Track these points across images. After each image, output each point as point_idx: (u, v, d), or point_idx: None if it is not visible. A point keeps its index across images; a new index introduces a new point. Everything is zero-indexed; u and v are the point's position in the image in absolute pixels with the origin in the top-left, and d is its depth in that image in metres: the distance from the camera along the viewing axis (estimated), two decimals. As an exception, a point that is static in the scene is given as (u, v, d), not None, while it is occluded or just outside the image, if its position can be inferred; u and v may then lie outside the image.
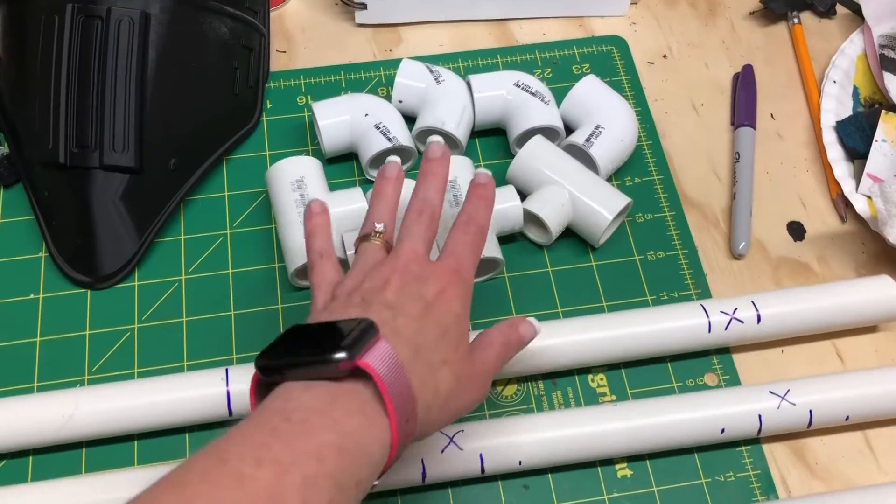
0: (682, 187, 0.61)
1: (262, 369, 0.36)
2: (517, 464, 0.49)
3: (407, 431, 0.35)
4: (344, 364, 0.34)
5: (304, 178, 0.55)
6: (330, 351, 0.34)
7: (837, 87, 0.64)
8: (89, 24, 0.53)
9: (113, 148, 0.53)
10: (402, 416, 0.35)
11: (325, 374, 0.35)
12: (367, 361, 0.34)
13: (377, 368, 0.34)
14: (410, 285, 0.40)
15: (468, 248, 0.43)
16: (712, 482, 0.50)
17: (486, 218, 0.45)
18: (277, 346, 0.37)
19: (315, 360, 0.35)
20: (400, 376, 0.35)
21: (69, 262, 0.55)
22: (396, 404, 0.34)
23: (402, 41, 0.68)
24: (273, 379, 0.36)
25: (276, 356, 0.36)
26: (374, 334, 0.36)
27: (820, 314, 0.53)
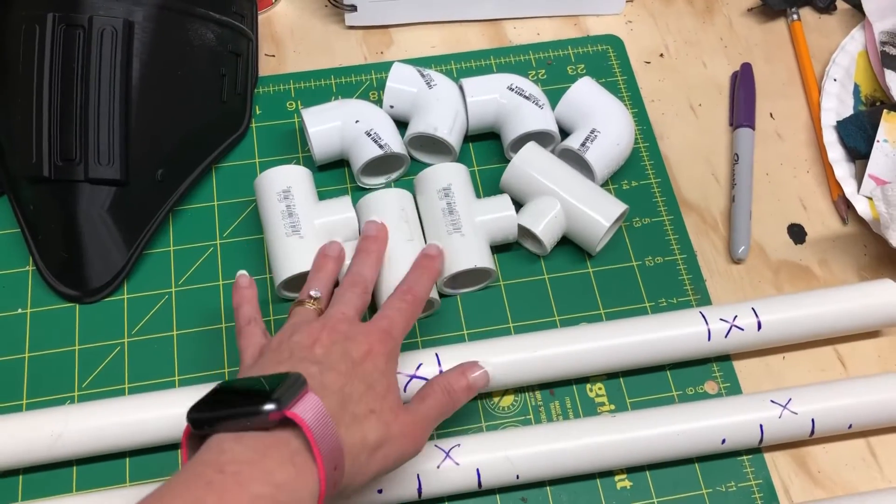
0: (680, 190, 0.60)
1: (193, 422, 0.37)
2: (515, 478, 0.48)
3: (335, 480, 0.37)
4: (274, 415, 0.35)
5: (291, 188, 0.54)
6: (260, 402, 0.35)
7: (838, 86, 0.63)
8: (71, 33, 0.52)
9: (98, 161, 0.52)
10: (329, 465, 0.36)
11: (255, 425, 0.36)
12: (296, 412, 0.36)
13: (306, 419, 0.36)
14: (338, 344, 0.42)
15: (401, 315, 0.46)
16: (713, 492, 0.50)
17: (426, 289, 0.48)
18: (208, 400, 0.37)
19: (246, 412, 0.36)
20: (327, 426, 0.36)
21: (57, 276, 0.54)
22: (324, 454, 0.36)
23: (394, 43, 0.66)
24: (204, 432, 0.37)
25: (208, 409, 0.37)
26: (303, 386, 0.37)
27: (821, 320, 0.52)
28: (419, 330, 0.54)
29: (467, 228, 0.53)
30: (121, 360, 0.53)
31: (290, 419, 0.36)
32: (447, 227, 0.53)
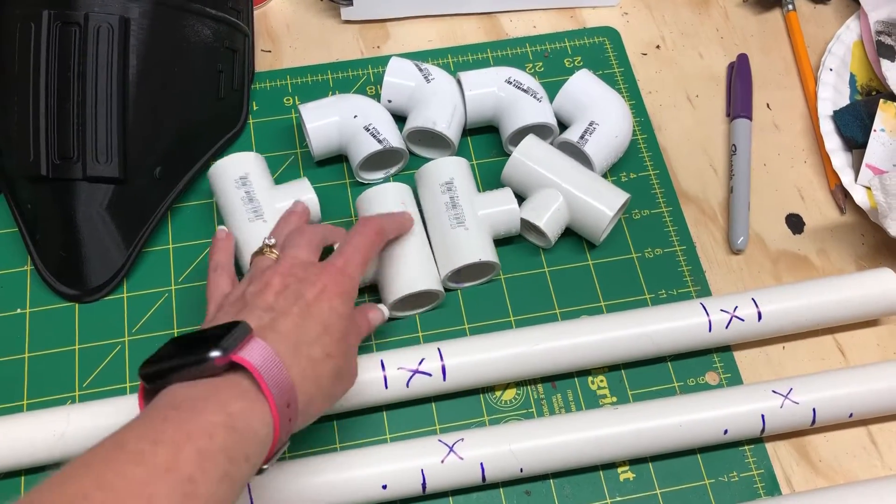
0: (678, 182, 0.60)
1: (145, 377, 0.38)
2: (518, 471, 0.48)
3: (288, 416, 0.38)
4: (219, 360, 0.36)
5: (248, 174, 0.54)
6: (206, 350, 0.37)
7: (834, 76, 0.63)
8: (67, 31, 0.51)
9: (96, 158, 0.52)
10: (280, 400, 0.37)
11: (204, 373, 0.37)
12: (242, 355, 0.37)
13: (250, 359, 0.37)
14: (291, 287, 0.42)
15: (358, 252, 0.46)
16: (716, 483, 0.50)
17: (388, 225, 0.49)
18: (158, 355, 0.38)
19: (193, 360, 0.37)
20: (275, 366, 0.37)
21: (55, 276, 0.54)
22: (274, 391, 0.37)
23: (390, 37, 0.66)
24: (157, 385, 0.37)
25: (158, 363, 0.38)
26: (248, 332, 0.38)
27: (821, 309, 0.52)
28: (420, 324, 0.54)
29: (471, 222, 0.53)
30: (121, 359, 0.53)
31: (238, 364, 0.37)
32: (450, 221, 0.53)
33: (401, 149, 0.57)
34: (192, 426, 0.34)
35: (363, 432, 0.51)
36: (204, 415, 0.35)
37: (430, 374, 0.50)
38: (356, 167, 0.57)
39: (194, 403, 0.35)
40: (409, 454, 0.47)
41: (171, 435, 0.33)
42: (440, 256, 0.53)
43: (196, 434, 0.34)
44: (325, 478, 0.46)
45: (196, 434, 0.34)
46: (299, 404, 0.39)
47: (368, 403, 0.50)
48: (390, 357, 0.50)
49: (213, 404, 0.35)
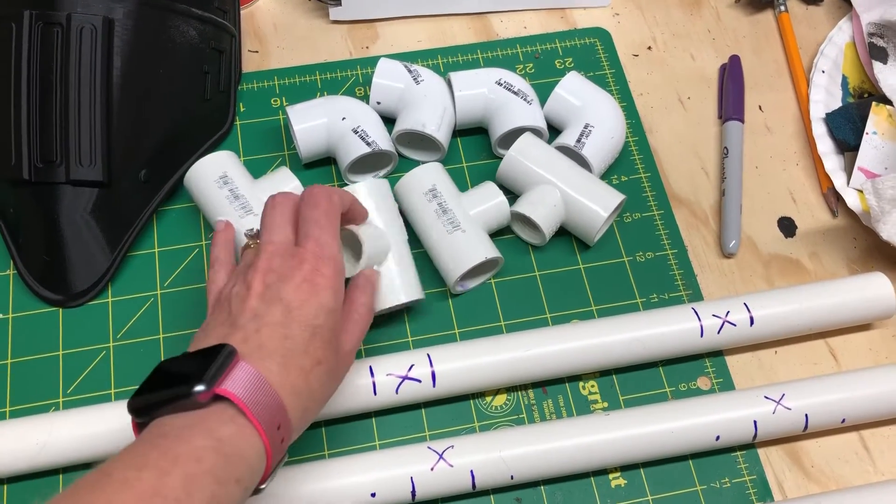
0: (669, 185, 0.60)
1: (134, 412, 0.37)
2: (509, 478, 0.47)
3: (280, 437, 0.38)
4: (203, 395, 0.36)
5: (227, 172, 0.53)
6: (190, 384, 0.36)
7: (826, 77, 0.62)
8: (48, 31, 0.50)
9: (80, 162, 0.51)
10: (269, 425, 0.37)
11: (190, 405, 0.36)
12: (225, 388, 0.36)
13: (235, 391, 0.36)
14: (273, 287, 0.41)
15: (318, 224, 0.43)
16: (707, 489, 0.50)
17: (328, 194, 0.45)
18: (148, 385, 0.38)
19: (177, 395, 0.36)
20: (261, 391, 0.37)
21: (39, 280, 0.53)
22: (262, 418, 0.37)
23: (379, 38, 0.65)
24: (146, 419, 0.37)
25: (145, 395, 0.38)
26: (232, 358, 0.38)
27: (813, 314, 0.52)
28: (410, 330, 0.54)
29: (466, 224, 0.53)
30: (106, 365, 0.52)
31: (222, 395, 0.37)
32: (446, 227, 0.52)
33: (389, 151, 0.56)
34: (179, 451, 0.34)
35: (352, 439, 0.50)
36: (192, 440, 0.34)
37: (419, 381, 0.49)
38: (344, 170, 0.56)
39: (181, 431, 0.35)
40: (399, 461, 0.47)
41: (157, 460, 0.33)
42: (443, 263, 0.53)
43: (183, 458, 0.34)
44: (313, 486, 0.46)
45: (183, 458, 0.34)
46: (294, 419, 0.39)
47: (357, 410, 0.49)
48: (379, 363, 0.49)
49: (201, 430, 0.35)
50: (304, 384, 0.39)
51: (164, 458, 0.33)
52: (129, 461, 0.34)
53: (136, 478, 0.32)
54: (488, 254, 0.52)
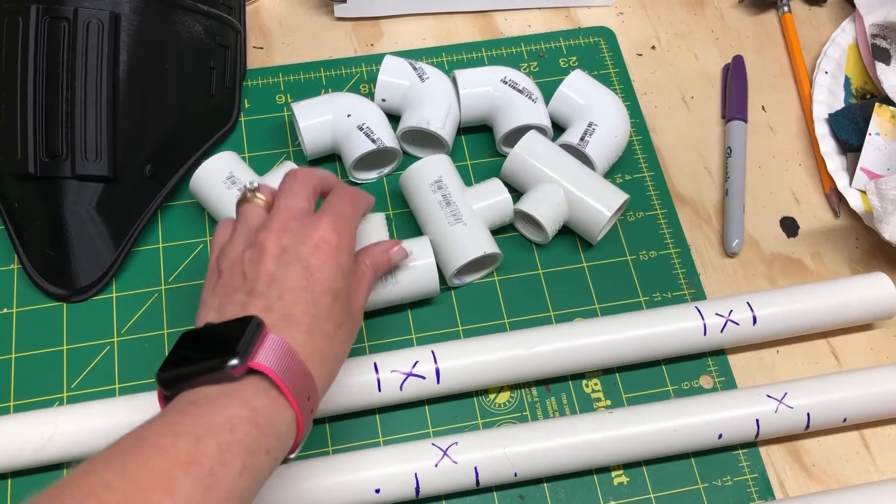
0: (673, 184, 0.60)
1: (162, 383, 0.37)
2: (512, 475, 0.48)
3: (310, 408, 0.38)
4: (238, 369, 0.36)
5: (234, 171, 0.53)
6: (223, 357, 0.36)
7: (829, 78, 0.63)
8: (55, 26, 0.50)
9: (85, 157, 0.51)
10: (301, 397, 0.37)
11: (223, 379, 0.36)
12: (260, 361, 0.36)
13: (269, 365, 0.36)
14: (290, 249, 0.40)
15: (345, 203, 0.44)
16: (709, 487, 0.50)
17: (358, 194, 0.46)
18: (175, 357, 0.38)
19: (211, 368, 0.36)
20: (293, 363, 0.37)
21: (43, 275, 0.53)
22: (294, 390, 0.37)
23: (384, 35, 0.65)
24: (174, 392, 0.37)
25: (175, 368, 0.37)
26: (262, 331, 0.37)
27: (816, 314, 0.52)
28: (413, 326, 0.54)
29: (468, 217, 0.53)
30: (110, 360, 0.52)
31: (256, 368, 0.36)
32: (448, 219, 0.53)
33: (395, 148, 0.57)
34: (213, 419, 0.34)
35: (356, 435, 0.50)
36: (226, 409, 0.34)
37: (423, 377, 0.49)
38: (349, 167, 0.56)
39: (215, 399, 0.35)
40: (403, 458, 0.47)
41: (191, 428, 0.33)
42: (442, 255, 0.53)
43: (216, 427, 0.33)
44: (317, 481, 0.46)
45: (216, 427, 0.33)
46: (321, 388, 0.39)
47: (361, 406, 0.49)
48: (384, 360, 0.49)
49: (236, 400, 0.35)
50: (330, 350, 0.39)
51: (198, 425, 0.33)
52: (164, 428, 0.33)
53: (171, 444, 0.32)
54: (487, 249, 0.52)
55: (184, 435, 0.33)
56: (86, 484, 0.30)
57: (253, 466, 0.34)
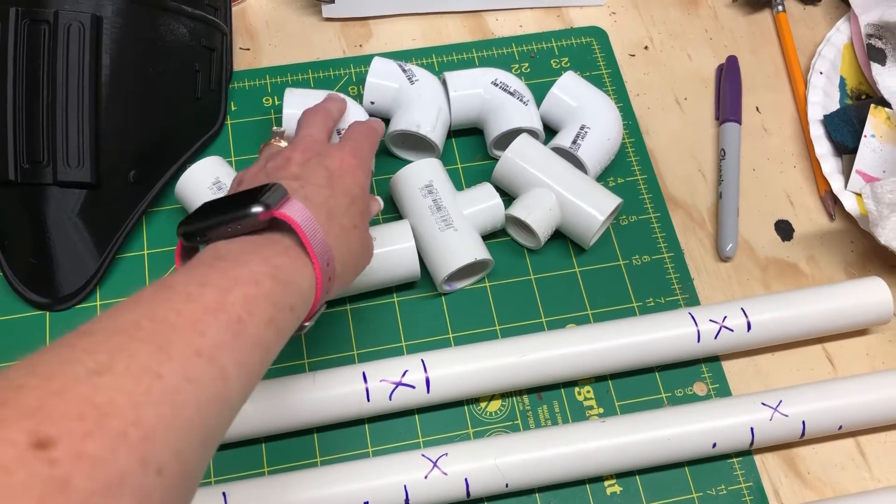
0: (666, 187, 0.59)
1: (184, 235, 0.38)
2: (504, 486, 0.47)
3: (328, 274, 0.38)
4: (263, 215, 0.36)
5: (220, 177, 0.53)
6: (247, 206, 0.36)
7: (824, 79, 0.62)
8: (35, 29, 0.49)
9: (67, 163, 0.50)
10: (322, 259, 0.37)
11: (245, 228, 0.37)
12: (284, 211, 0.37)
13: (294, 216, 0.37)
14: (313, 159, 0.42)
15: (363, 136, 0.47)
16: (703, 496, 0.49)
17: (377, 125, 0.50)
18: (196, 215, 0.38)
19: (235, 216, 0.37)
20: (315, 227, 0.38)
21: (25, 283, 0.52)
22: (316, 248, 0.37)
23: (373, 36, 0.64)
24: (196, 243, 0.38)
25: (197, 221, 0.38)
26: (285, 194, 0.38)
27: (811, 319, 0.52)
28: (403, 333, 0.53)
29: (459, 223, 0.52)
30: (94, 369, 0.51)
31: (279, 220, 0.37)
32: (438, 224, 0.52)
33: None
34: (238, 273, 0.34)
35: (344, 446, 0.49)
36: (249, 265, 0.34)
37: (413, 387, 0.48)
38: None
39: (238, 255, 0.35)
40: (392, 469, 0.46)
41: (218, 280, 0.33)
42: (433, 261, 0.52)
43: (242, 280, 0.33)
44: (305, 493, 0.45)
45: (242, 280, 0.33)
46: (336, 270, 0.39)
47: (350, 416, 0.49)
48: (372, 368, 0.49)
49: (258, 256, 0.35)
50: (346, 240, 0.40)
51: (225, 277, 0.33)
52: (191, 278, 0.33)
53: (199, 293, 0.32)
54: (478, 255, 0.52)
55: (211, 285, 0.33)
56: (112, 325, 0.29)
57: (278, 320, 0.34)
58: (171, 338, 0.29)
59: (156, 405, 0.27)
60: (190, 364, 0.29)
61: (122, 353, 0.28)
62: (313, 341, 0.52)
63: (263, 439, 0.49)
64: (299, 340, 0.52)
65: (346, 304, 0.54)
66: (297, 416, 0.48)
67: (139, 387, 0.27)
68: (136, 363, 0.28)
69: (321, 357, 0.52)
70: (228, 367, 0.31)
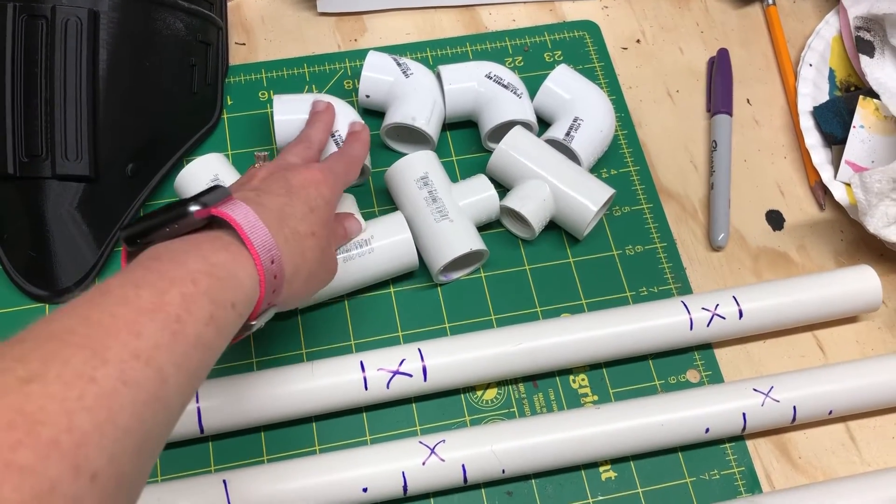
0: (658, 178, 0.60)
1: (127, 240, 0.38)
2: (500, 472, 0.48)
3: (273, 272, 0.38)
4: (199, 213, 0.37)
5: (218, 174, 0.53)
6: (185, 205, 0.37)
7: (814, 71, 0.63)
8: (33, 24, 0.50)
9: (66, 156, 0.51)
10: (265, 256, 0.37)
11: (184, 228, 0.37)
12: (221, 209, 0.37)
13: (231, 213, 0.37)
14: (276, 174, 0.44)
15: (340, 162, 0.48)
16: (697, 481, 0.50)
17: (359, 151, 0.52)
18: (137, 218, 0.39)
19: (173, 216, 0.37)
20: (257, 224, 0.37)
21: (24, 276, 0.53)
22: (257, 244, 0.37)
23: (367, 30, 0.65)
24: (138, 247, 0.37)
25: (137, 224, 0.38)
26: (227, 195, 0.38)
27: (802, 307, 0.52)
28: (400, 324, 0.53)
29: (454, 214, 0.53)
30: (94, 361, 0.51)
31: (220, 220, 0.37)
32: (434, 215, 0.52)
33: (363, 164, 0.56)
34: (175, 273, 0.33)
35: (343, 434, 0.50)
36: (187, 264, 0.34)
37: (410, 375, 0.49)
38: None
39: (175, 255, 0.35)
40: (390, 456, 0.47)
41: (154, 281, 0.33)
42: (428, 252, 0.53)
43: (179, 280, 0.33)
44: (304, 481, 0.46)
45: (179, 280, 0.33)
46: (285, 271, 0.39)
47: (348, 405, 0.49)
48: (370, 358, 0.49)
49: (195, 255, 0.35)
50: (297, 244, 0.40)
51: (161, 279, 0.33)
52: (126, 280, 0.33)
53: (134, 294, 0.32)
54: (473, 245, 0.52)
55: (147, 286, 0.32)
56: (46, 332, 0.29)
57: (219, 317, 0.34)
58: (106, 342, 0.29)
59: (90, 411, 0.27)
60: (126, 367, 0.29)
61: (55, 359, 0.27)
62: (312, 332, 0.53)
63: (263, 428, 0.50)
64: (297, 333, 0.53)
65: (344, 296, 0.54)
66: (296, 405, 0.48)
67: (72, 392, 0.27)
68: (69, 369, 0.27)
69: (319, 347, 0.52)
70: (167, 368, 0.30)
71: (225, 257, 0.35)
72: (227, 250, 0.36)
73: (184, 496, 0.45)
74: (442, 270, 0.53)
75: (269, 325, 0.53)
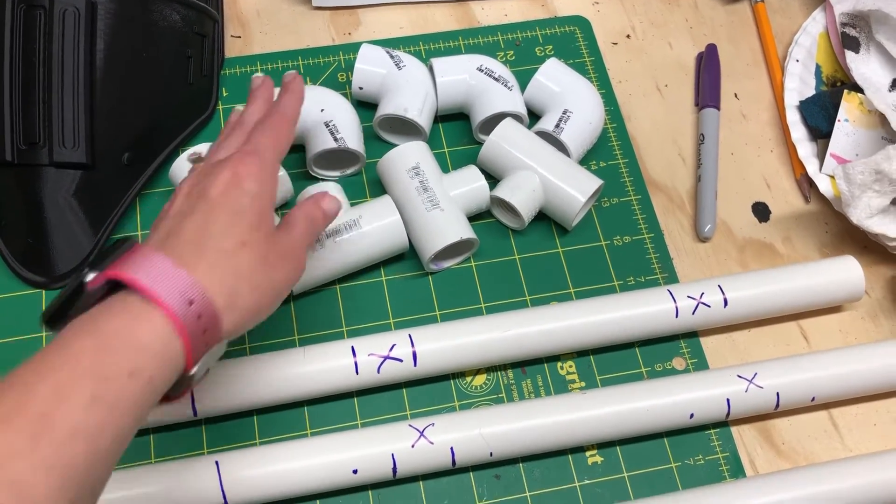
0: (647, 170, 0.61)
1: (48, 325, 0.36)
2: (488, 455, 0.48)
3: (197, 314, 0.35)
4: (92, 282, 0.35)
5: None
6: (79, 277, 0.35)
7: (800, 66, 0.64)
8: (31, 14, 0.51)
9: (63, 144, 0.51)
10: (177, 301, 0.35)
11: (90, 300, 0.35)
12: (114, 269, 0.35)
13: (123, 269, 0.35)
14: (195, 187, 0.41)
15: (265, 133, 0.43)
16: (682, 466, 0.51)
17: (291, 107, 0.46)
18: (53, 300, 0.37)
19: (69, 293, 0.35)
20: (164, 270, 0.35)
21: (21, 262, 0.53)
22: (163, 292, 0.34)
23: (361, 24, 0.66)
24: (59, 328, 0.35)
25: (49, 307, 0.36)
26: (129, 247, 0.37)
27: (786, 296, 0.53)
28: (392, 311, 0.54)
29: (445, 203, 0.53)
30: (90, 347, 0.52)
31: (115, 280, 0.35)
32: (425, 205, 0.53)
33: (357, 152, 0.56)
34: (54, 360, 0.32)
35: (334, 418, 0.51)
36: (69, 344, 0.33)
37: (401, 360, 0.50)
38: (309, 160, 0.57)
39: (63, 336, 0.33)
40: (380, 439, 0.48)
41: (23, 376, 0.31)
42: (419, 240, 0.54)
43: (57, 365, 0.32)
44: (295, 463, 0.47)
45: (57, 365, 0.32)
46: (221, 297, 0.36)
47: (339, 389, 0.50)
48: (361, 343, 0.50)
49: (86, 330, 0.33)
50: (227, 263, 0.37)
51: (34, 372, 0.31)
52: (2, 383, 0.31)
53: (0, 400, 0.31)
54: (463, 234, 0.53)
55: (15, 386, 0.31)
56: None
57: (109, 394, 0.32)
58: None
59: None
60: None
61: None
62: (304, 319, 0.54)
63: (255, 412, 0.51)
64: (290, 319, 0.53)
65: (336, 283, 0.55)
66: (288, 390, 0.49)
67: None
68: None
69: (311, 333, 0.53)
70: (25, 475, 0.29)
71: (120, 322, 0.33)
72: (126, 313, 0.34)
73: (177, 476, 0.46)
74: (433, 259, 0.54)
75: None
